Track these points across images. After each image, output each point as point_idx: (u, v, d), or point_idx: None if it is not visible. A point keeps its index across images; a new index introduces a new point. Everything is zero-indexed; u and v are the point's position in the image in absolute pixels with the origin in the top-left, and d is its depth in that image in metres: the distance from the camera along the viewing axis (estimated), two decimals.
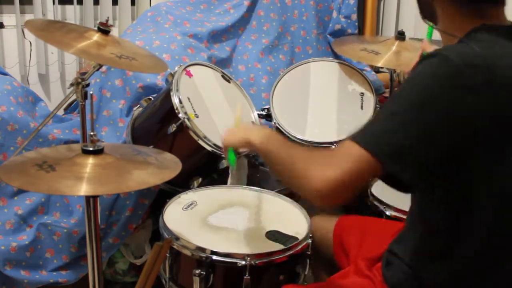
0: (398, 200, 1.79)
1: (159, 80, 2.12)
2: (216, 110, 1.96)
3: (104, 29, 1.57)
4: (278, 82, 2.25)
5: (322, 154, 1.10)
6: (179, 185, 1.90)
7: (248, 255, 1.42)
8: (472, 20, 1.11)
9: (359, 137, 1.04)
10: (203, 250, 1.45)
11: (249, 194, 1.79)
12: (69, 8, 2.87)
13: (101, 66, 1.60)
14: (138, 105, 2.05)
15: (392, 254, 1.27)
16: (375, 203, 1.87)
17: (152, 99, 2.02)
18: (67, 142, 2.06)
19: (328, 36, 2.70)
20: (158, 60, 1.76)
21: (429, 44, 1.85)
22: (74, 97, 1.57)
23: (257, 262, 1.42)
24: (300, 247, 1.50)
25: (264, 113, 2.17)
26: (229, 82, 2.11)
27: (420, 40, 2.27)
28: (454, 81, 1.00)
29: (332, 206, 1.07)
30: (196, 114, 1.85)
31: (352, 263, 1.45)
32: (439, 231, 1.15)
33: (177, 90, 1.83)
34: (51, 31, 1.56)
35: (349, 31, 2.69)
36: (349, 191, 1.03)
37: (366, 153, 1.01)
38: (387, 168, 1.03)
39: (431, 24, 1.22)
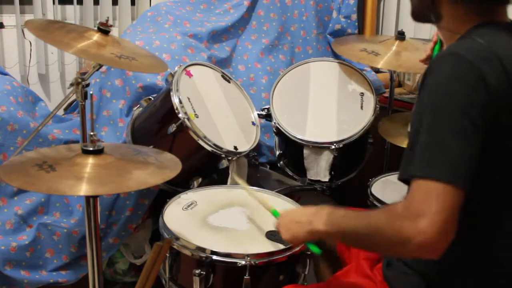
0: (398, 200, 1.79)
1: (159, 80, 2.12)
2: (216, 110, 1.95)
3: (104, 29, 1.57)
4: (278, 82, 2.24)
5: (399, 209, 1.00)
6: (179, 185, 1.90)
7: (248, 255, 1.42)
8: (474, 18, 1.11)
9: (426, 171, 0.98)
10: (203, 250, 1.45)
11: None
12: (69, 8, 2.87)
13: (101, 66, 1.60)
14: (138, 105, 2.05)
15: None
16: (375, 203, 1.87)
17: (152, 99, 2.02)
18: (67, 142, 2.06)
19: (328, 36, 2.69)
20: (158, 60, 1.76)
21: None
22: (74, 97, 1.57)
23: (257, 262, 1.42)
24: (300, 247, 1.50)
25: (264, 113, 2.17)
26: (229, 82, 2.11)
27: (420, 40, 2.28)
28: (472, 77, 0.99)
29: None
30: (196, 114, 1.85)
31: (354, 260, 1.44)
32: None
33: (177, 90, 1.83)
34: (51, 31, 1.56)
35: (349, 31, 2.69)
36: (451, 230, 0.96)
37: (443, 185, 0.95)
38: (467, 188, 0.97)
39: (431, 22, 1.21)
